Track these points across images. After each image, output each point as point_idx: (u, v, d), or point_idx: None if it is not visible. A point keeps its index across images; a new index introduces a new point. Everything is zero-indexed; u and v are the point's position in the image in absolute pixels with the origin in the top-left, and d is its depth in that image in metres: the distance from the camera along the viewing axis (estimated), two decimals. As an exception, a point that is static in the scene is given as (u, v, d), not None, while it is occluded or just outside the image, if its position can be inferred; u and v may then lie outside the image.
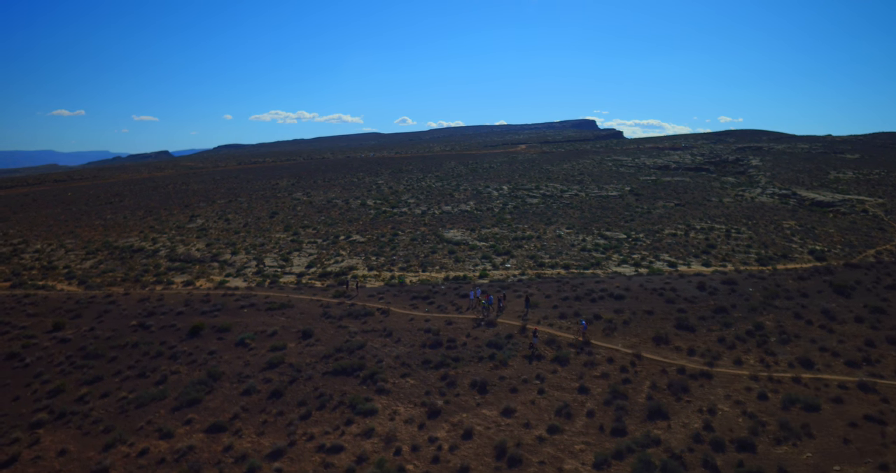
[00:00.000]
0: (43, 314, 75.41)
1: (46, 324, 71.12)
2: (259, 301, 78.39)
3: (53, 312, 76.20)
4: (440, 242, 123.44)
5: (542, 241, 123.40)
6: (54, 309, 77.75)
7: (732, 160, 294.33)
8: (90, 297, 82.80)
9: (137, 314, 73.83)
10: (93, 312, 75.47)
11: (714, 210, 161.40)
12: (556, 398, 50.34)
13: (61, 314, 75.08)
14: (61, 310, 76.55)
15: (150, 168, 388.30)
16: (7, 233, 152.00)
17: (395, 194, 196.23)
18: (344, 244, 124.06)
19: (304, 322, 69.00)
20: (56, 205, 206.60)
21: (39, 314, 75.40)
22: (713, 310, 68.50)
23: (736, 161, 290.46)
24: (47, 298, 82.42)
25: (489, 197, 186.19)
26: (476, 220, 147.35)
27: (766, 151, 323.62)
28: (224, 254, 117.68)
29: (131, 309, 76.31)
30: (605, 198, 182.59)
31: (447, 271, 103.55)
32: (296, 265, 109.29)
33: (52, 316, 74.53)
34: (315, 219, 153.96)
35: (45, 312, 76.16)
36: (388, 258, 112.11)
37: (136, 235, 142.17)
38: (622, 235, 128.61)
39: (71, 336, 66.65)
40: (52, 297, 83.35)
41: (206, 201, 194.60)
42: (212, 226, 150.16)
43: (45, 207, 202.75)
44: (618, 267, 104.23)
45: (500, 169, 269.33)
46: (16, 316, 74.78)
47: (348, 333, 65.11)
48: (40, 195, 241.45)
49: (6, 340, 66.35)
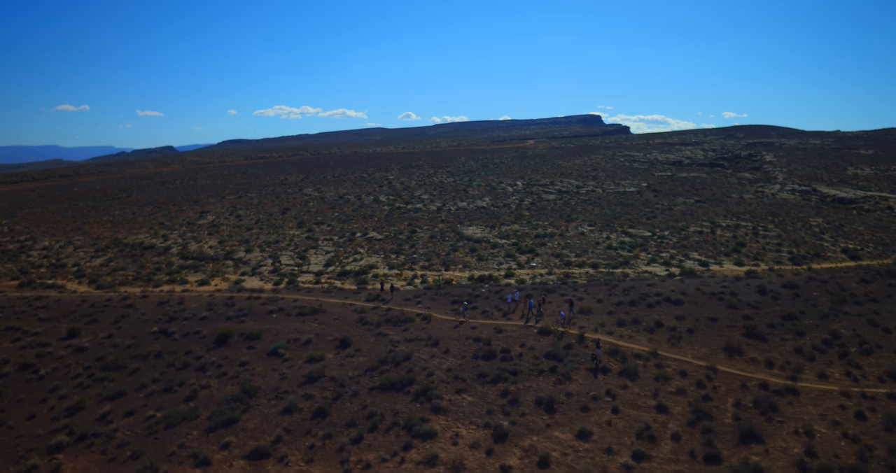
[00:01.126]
0: (56, 318, 70.22)
1: (61, 330, 66.10)
2: (288, 305, 72.83)
3: (67, 317, 70.93)
4: (460, 240, 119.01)
5: (566, 239, 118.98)
6: (68, 313, 72.44)
7: (745, 155, 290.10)
8: (106, 300, 77.45)
9: (158, 319, 68.72)
10: (109, 317, 70.49)
11: (736, 207, 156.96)
12: (633, 418, 45.66)
13: (76, 319, 70.18)
14: (76, 315, 71.64)
15: (156, 163, 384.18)
16: (14, 230, 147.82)
17: (408, 190, 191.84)
18: (361, 241, 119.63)
19: (340, 329, 63.76)
20: (63, 201, 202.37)
21: (52, 318, 70.22)
22: (781, 317, 62.88)
23: (749, 156, 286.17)
24: (60, 301, 77.21)
25: (504, 193, 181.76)
26: (494, 217, 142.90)
27: (778, 147, 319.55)
28: (238, 252, 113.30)
29: (151, 313, 71.28)
30: (623, 194, 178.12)
31: (470, 270, 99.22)
32: (313, 263, 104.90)
33: (66, 321, 69.40)
34: (328, 216, 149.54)
35: (59, 317, 70.96)
36: (408, 256, 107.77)
37: (145, 232, 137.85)
38: (646, 233, 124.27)
39: (88, 344, 61.72)
40: (66, 300, 78.10)
41: (216, 197, 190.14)
42: (223, 223, 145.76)
43: (52, 203, 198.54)
44: (647, 267, 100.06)
45: (511, 164, 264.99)
46: (27, 320, 69.65)
47: (390, 342, 59.98)
48: (46, 190, 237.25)
49: (18, 348, 61.94)
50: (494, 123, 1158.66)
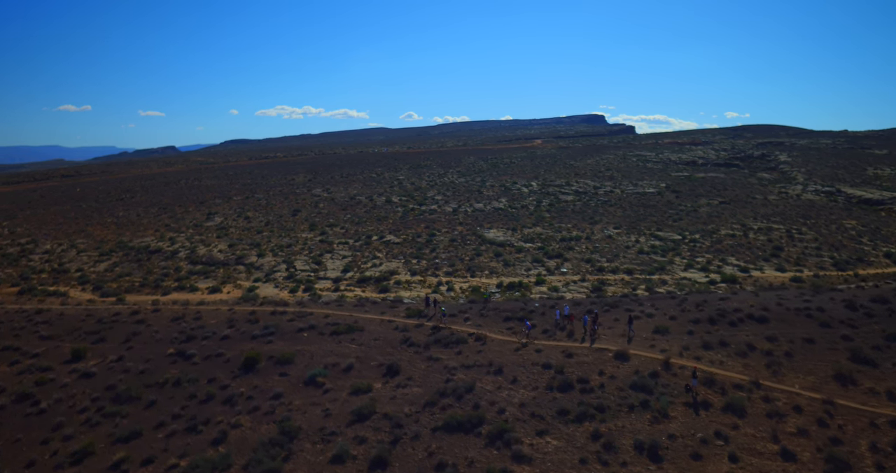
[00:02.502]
0: (59, 336, 63.24)
1: (64, 351, 59.03)
2: (318, 321, 65.06)
3: (71, 334, 63.95)
4: (482, 243, 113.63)
5: (593, 242, 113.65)
6: (72, 329, 65.41)
7: (758, 155, 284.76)
8: (113, 315, 70.04)
9: (173, 338, 61.36)
10: (118, 335, 63.39)
11: (763, 208, 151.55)
12: (757, 468, 38.43)
13: (81, 337, 63.17)
14: (80, 332, 64.55)
15: (159, 163, 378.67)
16: (15, 232, 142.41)
17: (420, 190, 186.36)
18: (378, 245, 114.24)
19: (383, 352, 56.18)
20: (65, 202, 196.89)
21: (55, 336, 63.23)
22: (884, 337, 56.00)
23: (762, 156, 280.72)
24: (63, 316, 70.11)
25: (520, 193, 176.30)
26: (514, 219, 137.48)
27: (790, 147, 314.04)
28: (249, 256, 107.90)
29: (164, 330, 64.22)
30: (643, 195, 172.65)
31: (498, 276, 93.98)
32: (330, 269, 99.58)
33: (70, 339, 62.36)
34: (341, 218, 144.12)
35: (62, 334, 63.95)
36: (430, 261, 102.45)
37: (151, 234, 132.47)
38: (676, 236, 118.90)
39: (95, 368, 54.43)
40: (69, 314, 70.83)
41: (222, 198, 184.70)
42: (231, 225, 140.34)
43: (54, 204, 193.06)
44: (685, 273, 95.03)
45: (522, 164, 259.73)
46: (27, 338, 62.63)
47: (445, 369, 52.38)
48: (48, 191, 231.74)
49: (16, 373, 54.73)
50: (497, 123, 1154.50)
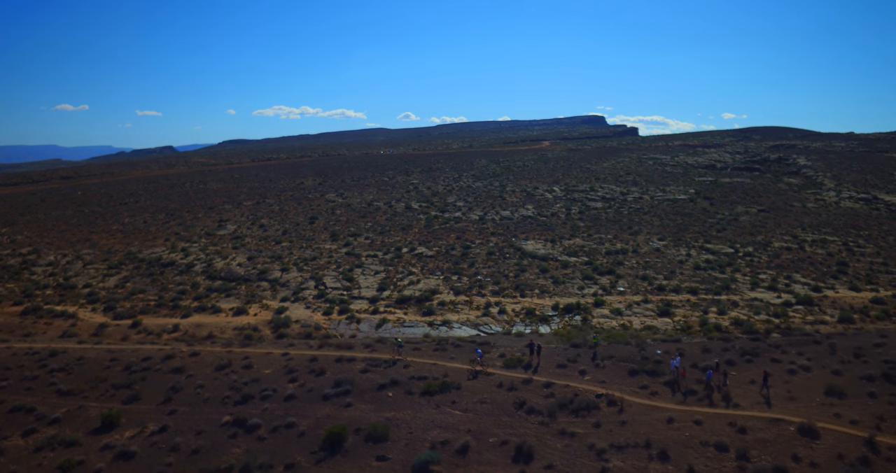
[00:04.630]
0: (81, 390, 50.43)
1: (91, 416, 45.95)
2: (400, 373, 52.38)
3: (96, 388, 51.13)
4: (523, 257, 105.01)
5: (641, 256, 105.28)
6: (96, 381, 52.52)
7: (775, 159, 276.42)
8: (143, 359, 57.68)
9: (224, 397, 48.47)
10: (154, 390, 50.67)
11: (805, 217, 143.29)
12: None
13: (108, 392, 50.32)
14: (107, 385, 51.70)
15: (160, 164, 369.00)
16: (15, 240, 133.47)
17: (438, 196, 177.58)
18: (410, 258, 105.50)
19: (499, 422, 43.22)
20: (66, 206, 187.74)
21: (76, 391, 50.34)
22: None
23: (779, 160, 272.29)
24: (83, 360, 57.51)
25: (544, 200, 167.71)
26: (548, 229, 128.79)
27: (804, 150, 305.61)
28: (272, 271, 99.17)
29: (210, 384, 51.54)
30: (674, 202, 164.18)
31: (550, 296, 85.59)
32: (364, 286, 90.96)
33: (94, 395, 49.34)
34: (362, 226, 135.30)
35: (84, 387, 50.92)
36: (471, 277, 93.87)
37: (161, 244, 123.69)
38: (728, 249, 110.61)
39: (134, 445, 41.33)
40: (90, 358, 58.35)
41: (232, 203, 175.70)
42: (246, 234, 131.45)
43: (55, 208, 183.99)
44: (753, 292, 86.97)
45: (536, 167, 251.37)
46: (42, 394, 49.85)
47: (591, 451, 39.50)
48: (48, 194, 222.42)
49: (33, 449, 41.06)
50: (497, 124, 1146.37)
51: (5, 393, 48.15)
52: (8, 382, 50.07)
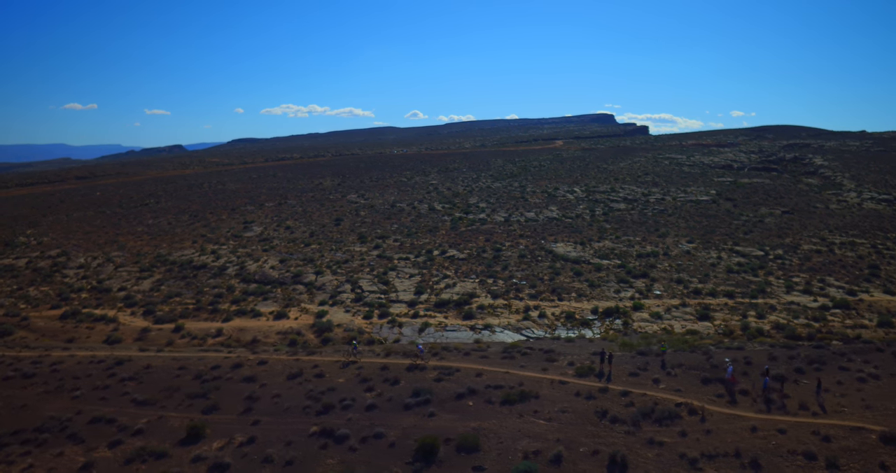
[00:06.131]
0: (157, 400, 49.48)
1: (174, 426, 45.17)
2: (474, 382, 51.35)
3: (171, 397, 50.24)
4: (555, 260, 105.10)
5: (673, 259, 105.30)
6: (170, 390, 51.67)
7: (790, 158, 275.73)
8: (212, 368, 56.81)
9: (305, 407, 47.55)
10: (232, 399, 49.74)
11: (830, 219, 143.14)
12: None
13: (185, 402, 49.28)
14: (181, 394, 50.67)
15: (174, 164, 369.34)
16: (42, 242, 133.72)
17: (460, 197, 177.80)
18: (442, 261, 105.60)
19: (584, 431, 42.95)
20: (87, 207, 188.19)
21: (152, 401, 49.36)
22: None
23: (795, 160, 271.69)
24: (150, 369, 56.61)
25: (567, 201, 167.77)
26: (576, 231, 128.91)
27: (819, 149, 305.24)
28: (307, 275, 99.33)
29: (287, 393, 50.57)
30: (697, 203, 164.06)
31: (587, 299, 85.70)
32: (400, 290, 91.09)
33: (171, 405, 48.79)
34: (388, 228, 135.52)
35: (159, 397, 50.23)
36: (507, 281, 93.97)
37: (189, 245, 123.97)
38: (758, 252, 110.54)
39: (226, 456, 40.61)
40: (157, 367, 57.39)
41: (254, 204, 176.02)
42: (273, 236, 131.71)
43: (76, 209, 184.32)
44: (789, 296, 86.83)
45: (553, 167, 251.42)
46: (118, 404, 48.98)
47: (683, 460, 39.26)
48: (66, 195, 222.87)
49: (122, 461, 40.32)
50: (505, 122, 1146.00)
51: (81, 403, 47.94)
52: (81, 392, 49.82)
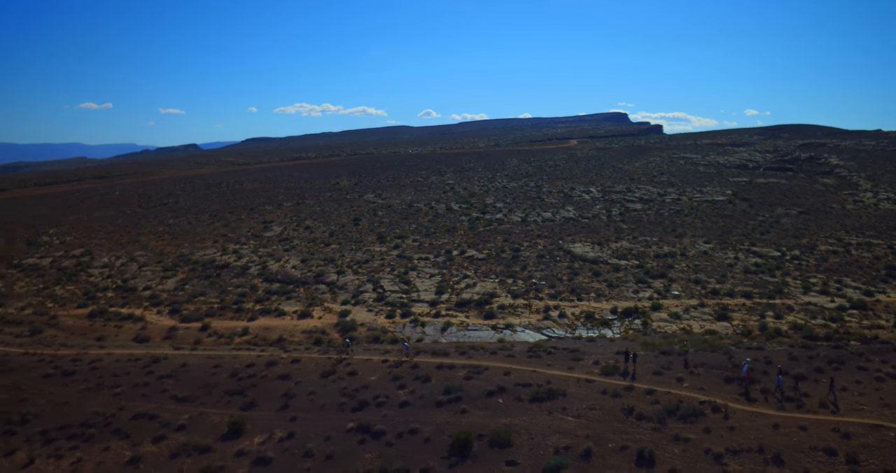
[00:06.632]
0: (196, 397, 51.18)
1: (215, 422, 46.80)
2: (503, 379, 52.75)
3: (209, 394, 51.82)
4: (574, 260, 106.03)
5: (690, 259, 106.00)
6: (208, 387, 53.27)
7: (806, 158, 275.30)
8: (247, 366, 58.29)
9: (341, 404, 49.24)
10: (269, 396, 51.52)
11: (846, 219, 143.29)
12: None
13: (223, 399, 50.94)
14: (219, 391, 52.42)
15: (190, 164, 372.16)
16: (64, 242, 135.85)
17: (476, 197, 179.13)
18: (461, 261, 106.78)
19: (612, 427, 44.32)
20: (107, 206, 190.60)
21: (191, 398, 51.05)
22: None
23: (810, 159, 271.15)
24: (187, 367, 58.46)
25: (583, 201, 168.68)
26: (593, 231, 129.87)
27: (834, 148, 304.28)
28: (328, 274, 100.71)
29: (321, 390, 52.09)
30: (713, 203, 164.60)
31: (606, 299, 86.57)
32: (421, 290, 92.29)
33: (210, 401, 50.30)
34: (406, 228, 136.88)
35: (198, 394, 51.80)
36: (526, 280, 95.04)
37: (210, 245, 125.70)
38: (775, 252, 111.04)
39: (269, 451, 42.25)
40: (194, 365, 59.17)
41: (272, 204, 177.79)
42: (293, 236, 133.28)
43: (96, 209, 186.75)
44: (806, 296, 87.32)
45: (568, 167, 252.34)
46: (159, 400, 50.77)
47: (709, 456, 40.24)
48: (85, 194, 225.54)
49: (168, 456, 42.17)
50: (519, 121, 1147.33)
51: (122, 399, 49.71)
52: (121, 389, 51.59)
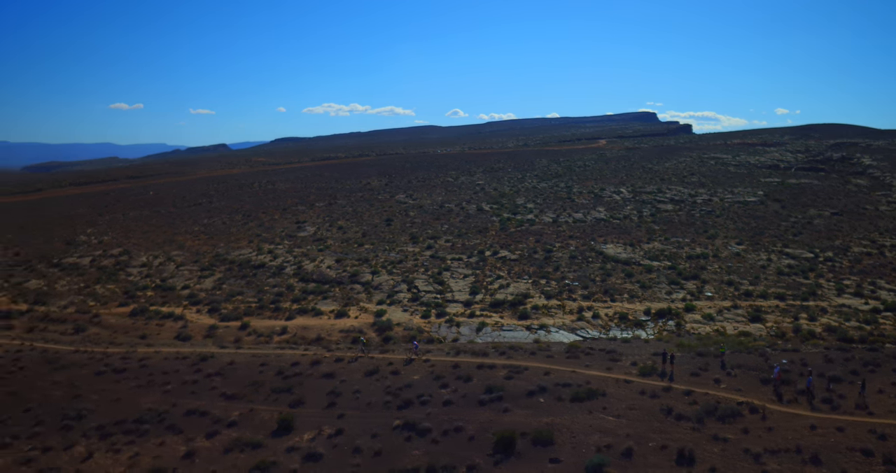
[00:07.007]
0: (244, 395, 52.80)
1: (265, 419, 48.33)
2: (543, 379, 53.64)
3: (256, 391, 53.41)
4: (606, 261, 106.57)
5: (723, 261, 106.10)
6: (255, 385, 54.86)
7: (838, 158, 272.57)
8: (292, 364, 59.92)
9: (386, 402, 50.73)
10: (315, 393, 52.91)
11: (880, 221, 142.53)
12: None
13: (271, 397, 52.56)
14: (266, 389, 54.14)
15: (222, 164, 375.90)
16: (102, 241, 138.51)
17: (506, 197, 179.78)
18: (494, 262, 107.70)
19: (652, 427, 44.98)
20: (142, 206, 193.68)
21: (239, 395, 52.73)
22: None
23: (843, 159, 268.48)
24: (234, 365, 60.29)
25: (613, 202, 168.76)
26: (624, 232, 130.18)
27: (866, 148, 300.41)
28: (363, 274, 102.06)
29: (366, 388, 53.72)
30: (745, 204, 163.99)
31: (640, 300, 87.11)
32: (456, 290, 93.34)
33: (259, 399, 51.96)
34: (438, 228, 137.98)
35: (246, 391, 53.39)
36: (559, 282, 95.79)
37: (245, 245, 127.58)
38: (808, 254, 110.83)
39: (319, 447, 43.64)
40: (240, 363, 60.94)
41: (304, 204, 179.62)
42: (327, 236, 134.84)
43: (131, 208, 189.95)
44: (840, 299, 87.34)
45: (598, 167, 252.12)
46: (208, 398, 52.28)
47: (748, 455, 40.91)
48: (121, 194, 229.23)
49: (222, 451, 43.69)
50: (547, 121, 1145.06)
51: (173, 396, 51.55)
52: (171, 386, 53.45)
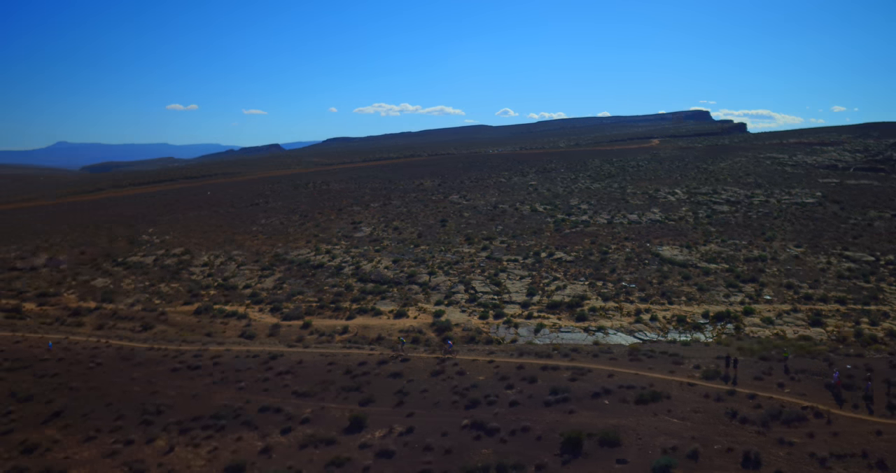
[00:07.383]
0: (315, 393, 54.96)
1: (337, 417, 50.06)
2: (607, 382, 54.59)
3: (326, 389, 55.58)
4: (663, 263, 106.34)
5: (782, 264, 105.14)
6: (324, 383, 57.11)
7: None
8: (359, 364, 62.12)
9: (454, 402, 51.96)
10: (383, 392, 54.61)
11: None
12: None
13: (341, 395, 54.32)
14: (335, 387, 55.98)
15: (276, 164, 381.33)
16: (164, 240, 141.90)
17: (560, 198, 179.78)
18: (550, 263, 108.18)
19: (717, 430, 45.41)
20: (200, 206, 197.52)
21: (310, 393, 54.83)
22: None
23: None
24: (303, 364, 62.24)
25: (668, 203, 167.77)
26: (680, 234, 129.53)
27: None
28: (420, 275, 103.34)
29: (432, 388, 55.09)
30: (803, 205, 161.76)
31: (697, 303, 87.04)
32: (513, 291, 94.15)
33: (329, 397, 54.16)
34: (492, 229, 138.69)
35: (316, 389, 55.61)
36: (616, 283, 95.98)
37: (304, 245, 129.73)
38: (868, 257, 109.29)
39: (391, 444, 45.19)
40: (309, 361, 62.94)
41: (359, 204, 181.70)
42: (383, 236, 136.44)
43: (190, 208, 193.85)
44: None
45: (651, 167, 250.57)
46: (280, 395, 54.74)
47: (814, 460, 41.28)
48: (179, 194, 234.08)
49: (297, 446, 45.36)
50: (598, 120, 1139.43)
51: (246, 393, 53.56)
52: (245, 383, 55.49)
